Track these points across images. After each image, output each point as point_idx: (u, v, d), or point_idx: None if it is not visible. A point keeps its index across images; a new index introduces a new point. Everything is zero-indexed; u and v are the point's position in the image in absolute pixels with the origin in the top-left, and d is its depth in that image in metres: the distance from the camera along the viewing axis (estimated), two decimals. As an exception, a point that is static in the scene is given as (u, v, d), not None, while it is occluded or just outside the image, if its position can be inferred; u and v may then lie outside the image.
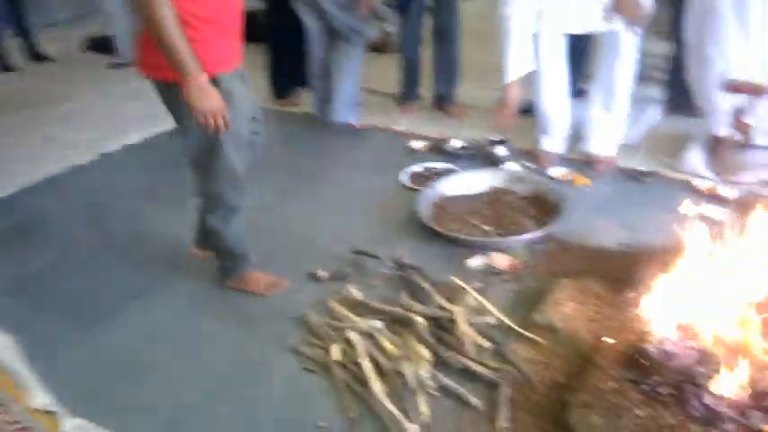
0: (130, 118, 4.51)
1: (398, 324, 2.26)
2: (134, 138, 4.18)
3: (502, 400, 1.96)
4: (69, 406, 2.08)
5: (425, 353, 2.11)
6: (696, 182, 3.06)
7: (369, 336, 2.22)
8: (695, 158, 3.22)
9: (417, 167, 3.39)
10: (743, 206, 2.79)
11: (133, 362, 2.30)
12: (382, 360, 2.12)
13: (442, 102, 4.15)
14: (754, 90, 3.04)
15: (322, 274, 2.60)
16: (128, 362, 2.30)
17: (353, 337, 2.19)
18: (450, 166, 3.41)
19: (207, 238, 2.57)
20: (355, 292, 2.47)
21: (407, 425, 1.88)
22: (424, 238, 2.83)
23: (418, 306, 2.32)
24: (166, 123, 4.24)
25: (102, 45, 6.11)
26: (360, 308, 2.38)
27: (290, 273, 2.65)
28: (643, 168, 3.25)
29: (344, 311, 2.37)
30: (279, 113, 4.38)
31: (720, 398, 1.70)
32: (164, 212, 3.26)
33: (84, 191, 3.63)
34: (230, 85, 2.16)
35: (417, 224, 2.90)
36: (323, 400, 2.05)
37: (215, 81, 2.09)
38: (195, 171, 2.34)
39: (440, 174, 3.30)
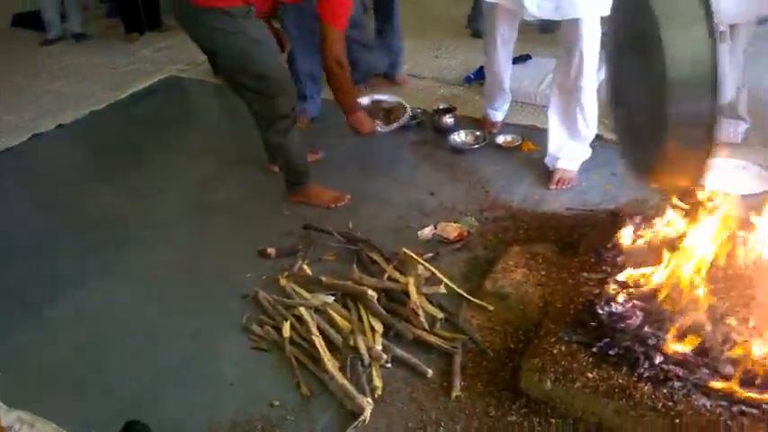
0: (64, 96, 4.30)
1: (350, 298, 2.23)
2: (68, 117, 3.98)
3: (455, 369, 1.96)
4: (14, 392, 1.98)
5: (378, 326, 2.09)
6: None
7: (320, 311, 2.18)
8: None
9: (364, 100, 3.23)
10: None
11: (80, 347, 2.22)
12: (334, 335, 2.09)
13: (388, 72, 4.08)
14: None
15: (271, 251, 2.53)
16: (75, 347, 2.22)
17: (304, 313, 2.15)
18: (399, 99, 3.30)
19: (276, 155, 2.85)
20: (306, 268, 2.42)
21: (361, 398, 1.86)
22: (373, 209, 2.80)
23: (370, 279, 2.29)
24: (101, 102, 4.14)
25: (28, 20, 5.78)
26: (311, 284, 2.33)
27: (239, 251, 2.58)
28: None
29: (295, 288, 2.32)
30: (220, 86, 4.25)
31: (668, 357, 1.74)
32: (105, 192, 3.15)
33: (18, 173, 3.45)
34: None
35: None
36: (275, 379, 2.02)
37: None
38: (245, 94, 2.62)
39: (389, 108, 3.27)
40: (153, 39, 5.24)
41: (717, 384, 1.66)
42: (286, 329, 2.11)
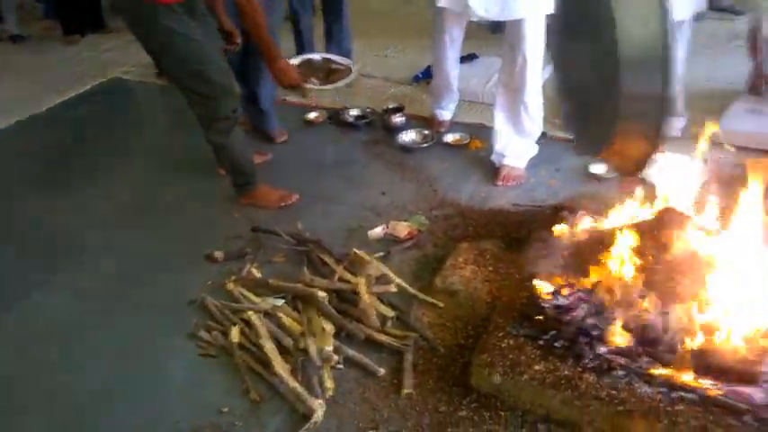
0: (1, 100, 4.14)
1: (300, 300, 2.22)
2: (5, 122, 3.83)
3: (406, 367, 1.97)
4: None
5: (329, 327, 2.08)
6: (584, 141, 3.17)
7: (270, 315, 2.16)
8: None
9: (315, 56, 3.19)
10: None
11: (22, 360, 2.15)
12: (285, 338, 2.07)
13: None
14: None
15: (219, 254, 2.50)
16: (17, 360, 2.15)
17: (253, 317, 2.12)
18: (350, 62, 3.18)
19: (219, 157, 2.82)
20: (254, 272, 2.39)
21: (312, 400, 1.85)
22: (323, 207, 2.79)
23: (320, 280, 2.28)
24: (41, 105, 4.01)
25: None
26: (260, 287, 2.31)
27: (185, 256, 2.54)
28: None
29: (243, 292, 2.29)
30: (166, 88, 4.17)
31: (611, 347, 1.78)
32: (46, 199, 3.05)
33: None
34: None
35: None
36: (224, 385, 1.99)
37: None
38: (186, 94, 2.59)
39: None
40: (96, 40, 5.10)
41: (656, 372, 1.71)
42: (234, 334, 2.08)
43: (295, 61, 2.99)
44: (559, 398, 1.75)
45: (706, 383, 1.67)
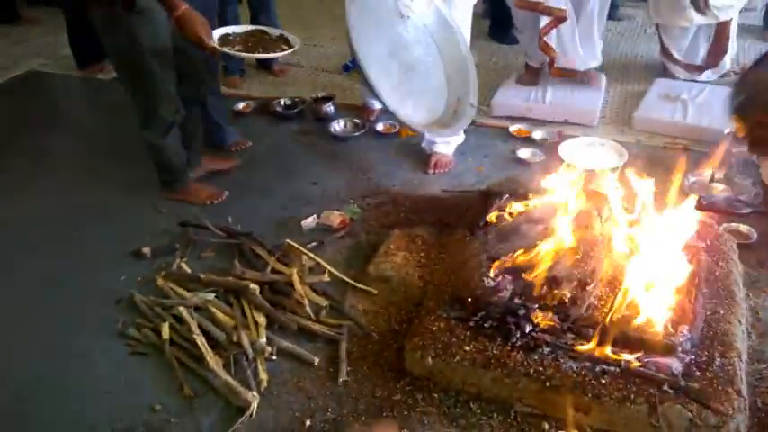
0: None
1: (232, 294, 2.19)
2: None
3: (341, 355, 1.98)
4: None
5: (261, 319, 2.07)
6: (511, 127, 3.25)
7: (201, 309, 2.13)
8: (504, 97, 3.40)
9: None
10: (550, 147, 3.03)
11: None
12: (217, 332, 2.05)
13: (265, 62, 4.01)
14: (539, 8, 3.10)
15: (146, 251, 2.43)
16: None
17: (184, 312, 2.08)
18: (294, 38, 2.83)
19: (150, 152, 2.69)
20: (184, 267, 2.34)
21: (247, 393, 1.83)
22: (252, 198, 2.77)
23: (252, 273, 2.25)
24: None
25: None
26: (190, 282, 2.27)
27: (111, 252, 2.46)
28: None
29: (174, 287, 2.25)
30: (87, 80, 4.02)
31: (538, 325, 1.85)
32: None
33: None
34: (148, 3, 2.26)
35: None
36: (156, 383, 1.95)
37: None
38: (127, 90, 2.51)
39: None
40: (8, 32, 4.83)
41: (581, 347, 1.78)
42: (165, 331, 2.03)
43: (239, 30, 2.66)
44: (490, 376, 1.80)
45: (627, 357, 1.75)
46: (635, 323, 1.78)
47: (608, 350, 1.76)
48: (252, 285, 2.13)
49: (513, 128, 3.24)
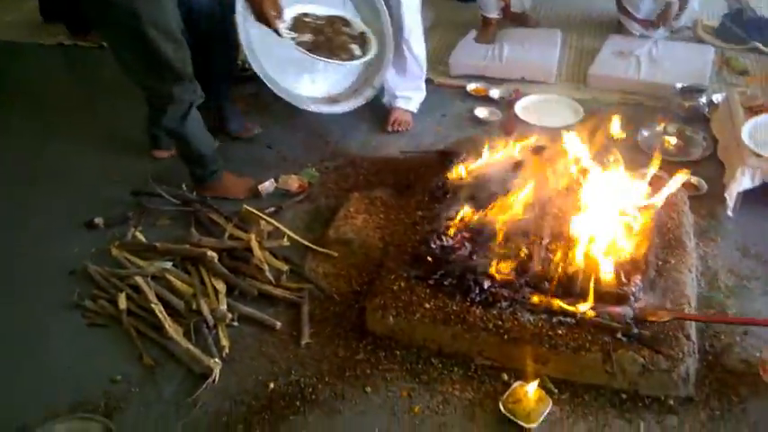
0: None
1: (190, 262, 2.16)
2: None
3: (303, 318, 1.98)
4: None
5: (221, 286, 2.05)
6: (469, 86, 3.24)
7: (159, 278, 2.10)
8: (461, 56, 3.39)
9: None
10: (507, 104, 3.03)
11: None
12: (176, 301, 2.02)
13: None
14: None
15: (99, 221, 2.37)
16: None
17: (141, 282, 2.05)
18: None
19: (175, 144, 2.49)
20: (139, 236, 2.30)
21: (208, 360, 1.83)
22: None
23: (210, 240, 2.22)
24: None
25: None
26: (146, 251, 2.23)
27: (63, 224, 2.40)
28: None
29: (129, 257, 2.20)
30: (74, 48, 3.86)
31: (495, 280, 1.87)
32: None
33: None
34: None
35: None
36: (116, 354, 1.92)
37: None
38: (134, 73, 2.21)
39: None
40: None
41: (537, 300, 1.82)
42: (122, 301, 2.00)
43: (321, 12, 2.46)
44: (450, 332, 1.83)
45: (582, 307, 1.80)
46: (589, 274, 1.82)
47: (563, 302, 1.81)
48: (210, 252, 2.10)
49: (471, 86, 3.23)
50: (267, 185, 2.55)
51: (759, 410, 1.67)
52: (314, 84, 2.85)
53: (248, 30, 2.45)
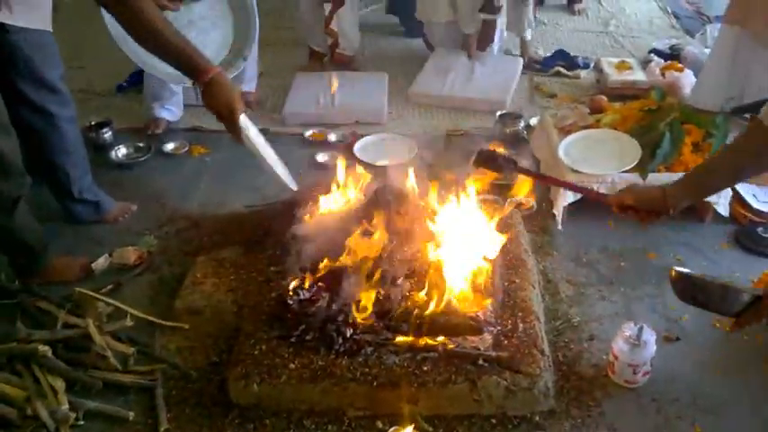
0: None
1: (19, 361, 1.91)
2: None
3: (158, 403, 1.83)
4: None
5: (59, 383, 1.83)
6: (306, 133, 3.24)
7: (-18, 387, 1.83)
8: (293, 106, 3.41)
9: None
10: (346, 148, 3.07)
11: None
12: (6, 410, 1.77)
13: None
14: None
15: None
16: None
17: (-41, 396, 1.77)
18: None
19: None
20: (-47, 341, 2.00)
21: (52, 473, 1.62)
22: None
23: (40, 333, 1.99)
24: None
25: None
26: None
27: None
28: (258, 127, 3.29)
29: (-59, 368, 1.91)
30: None
31: (358, 328, 1.86)
32: None
33: None
34: None
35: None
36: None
37: None
38: None
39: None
40: None
41: (399, 341, 1.83)
42: (-64, 423, 1.72)
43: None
44: (319, 389, 1.78)
45: (442, 341, 1.83)
46: (444, 308, 1.86)
47: (425, 338, 1.83)
48: (41, 347, 1.88)
49: (308, 133, 3.24)
50: (101, 262, 2.35)
51: (614, 411, 1.80)
52: None
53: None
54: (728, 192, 2.45)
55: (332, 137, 3.20)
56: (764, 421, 1.77)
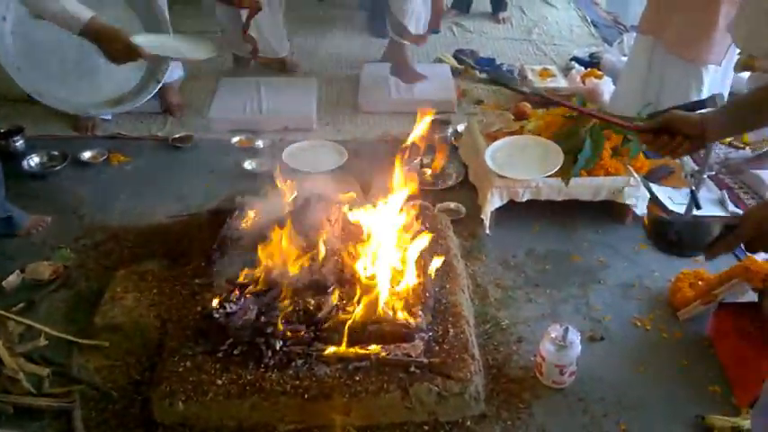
0: None
1: None
2: None
3: (76, 426, 1.73)
4: None
5: (-36, 412, 1.71)
6: (233, 139, 3.16)
7: None
8: (220, 112, 3.33)
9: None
10: (274, 155, 3.01)
11: None
12: None
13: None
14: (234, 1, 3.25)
15: None
16: None
17: None
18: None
19: None
20: None
21: None
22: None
23: (-58, 358, 1.85)
24: None
25: None
26: None
27: None
28: (178, 135, 3.19)
29: None
30: None
31: (287, 339, 1.82)
32: None
33: None
34: None
35: None
36: None
37: None
38: None
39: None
40: None
41: (330, 351, 1.80)
42: None
43: None
44: (248, 404, 1.73)
45: (373, 350, 1.82)
46: (375, 316, 1.85)
47: (356, 348, 1.81)
48: (-58, 374, 1.74)
49: (235, 139, 3.16)
50: (12, 279, 2.21)
51: (543, 412, 1.83)
52: (98, 88, 3.01)
53: (8, 48, 2.57)
54: (645, 193, 2.54)
55: (259, 143, 3.14)
56: (685, 415, 1.85)
